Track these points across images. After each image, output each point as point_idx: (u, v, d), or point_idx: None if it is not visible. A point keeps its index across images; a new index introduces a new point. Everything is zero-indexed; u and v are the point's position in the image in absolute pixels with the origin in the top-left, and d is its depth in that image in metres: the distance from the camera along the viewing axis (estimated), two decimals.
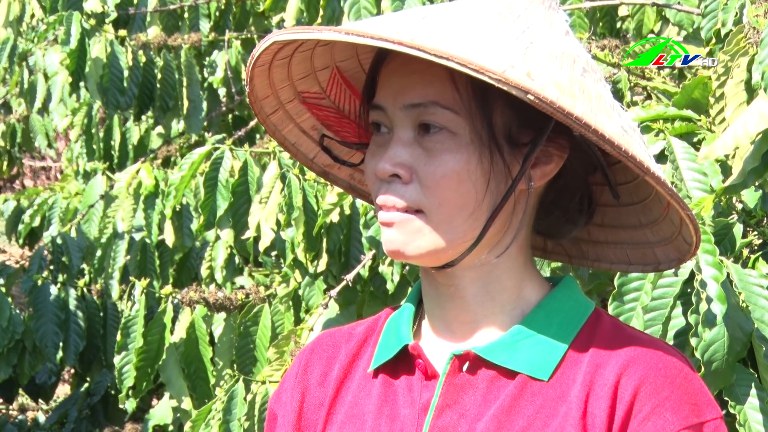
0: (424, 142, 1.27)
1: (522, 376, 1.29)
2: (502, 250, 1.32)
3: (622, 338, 1.30)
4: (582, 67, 1.25)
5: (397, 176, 1.28)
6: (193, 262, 4.09)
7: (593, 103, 1.22)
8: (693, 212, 1.30)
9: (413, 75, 1.27)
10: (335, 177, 1.49)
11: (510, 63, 1.18)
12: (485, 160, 1.27)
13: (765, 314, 1.87)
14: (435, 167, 1.26)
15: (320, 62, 1.38)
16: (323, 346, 1.44)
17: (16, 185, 7.98)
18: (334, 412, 1.38)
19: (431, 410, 1.31)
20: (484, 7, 1.26)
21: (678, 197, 1.27)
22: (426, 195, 1.27)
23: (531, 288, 1.35)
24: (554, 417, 1.27)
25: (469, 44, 1.19)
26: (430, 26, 1.21)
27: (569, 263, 1.47)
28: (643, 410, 1.24)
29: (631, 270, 1.45)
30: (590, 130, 1.19)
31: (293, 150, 1.45)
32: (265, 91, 1.37)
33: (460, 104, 1.26)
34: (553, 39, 1.25)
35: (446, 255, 1.30)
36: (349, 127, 1.43)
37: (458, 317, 1.34)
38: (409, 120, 1.28)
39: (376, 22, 1.25)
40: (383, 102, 1.30)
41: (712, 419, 1.26)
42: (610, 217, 1.40)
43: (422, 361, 1.33)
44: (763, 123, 1.76)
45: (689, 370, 1.29)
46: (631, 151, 1.22)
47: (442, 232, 1.28)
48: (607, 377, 1.26)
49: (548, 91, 1.18)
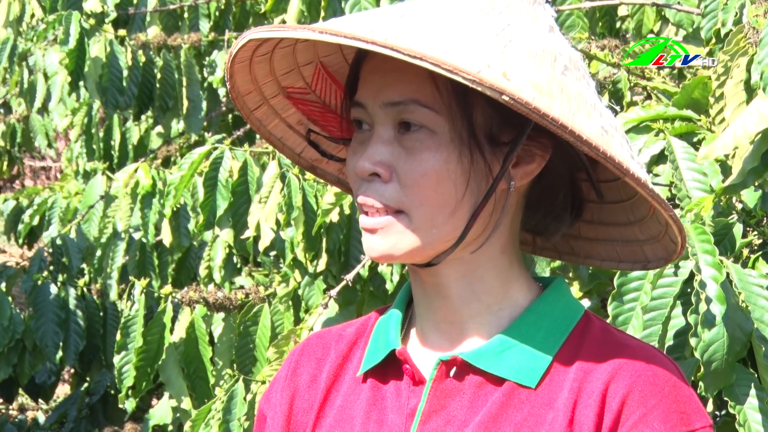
0: (404, 140, 1.26)
1: (509, 383, 1.28)
2: (479, 245, 1.30)
3: (611, 344, 1.29)
4: (563, 65, 1.23)
5: (377, 175, 1.27)
6: (192, 261, 4.08)
7: (572, 102, 1.20)
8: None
9: (393, 73, 1.26)
10: (323, 171, 1.48)
11: (486, 62, 1.16)
12: (465, 159, 1.26)
13: (765, 314, 1.87)
14: (414, 166, 1.25)
15: (303, 58, 1.37)
16: (313, 347, 1.44)
17: (16, 185, 7.98)
18: (323, 415, 1.38)
19: (417, 416, 1.30)
20: (464, 4, 1.24)
21: (659, 198, 1.25)
22: (406, 194, 1.26)
23: (518, 289, 1.33)
24: (541, 425, 1.26)
25: (445, 43, 1.17)
26: (407, 24, 1.20)
27: (559, 259, 1.46)
28: (631, 418, 1.23)
29: (621, 267, 1.44)
30: (567, 131, 1.17)
31: (279, 145, 1.44)
32: (248, 87, 1.36)
33: (440, 103, 1.25)
34: (534, 36, 1.24)
35: (429, 253, 1.29)
36: (334, 122, 1.42)
37: (446, 317, 1.33)
38: (389, 118, 1.27)
39: (354, 20, 1.24)
40: (364, 99, 1.29)
41: (701, 428, 1.25)
42: (600, 214, 1.39)
43: (409, 366, 1.32)
44: (762, 123, 1.76)
45: (678, 379, 1.27)
46: (610, 152, 1.20)
47: (423, 232, 1.27)
48: (595, 385, 1.25)
49: (524, 91, 1.16)
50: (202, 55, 4.49)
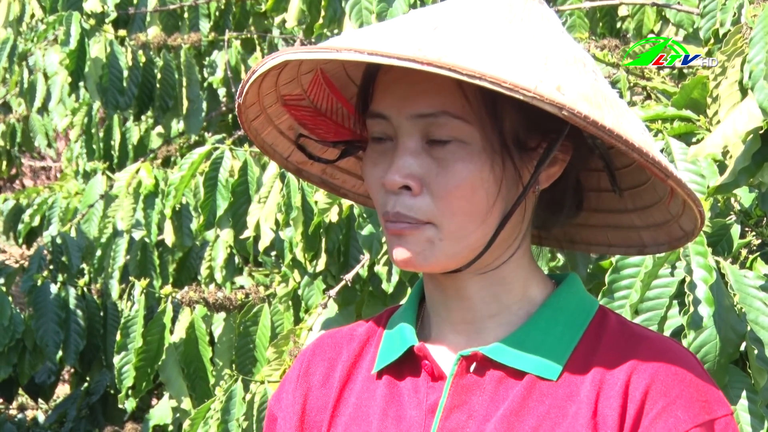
0: (434, 152, 1.26)
1: (530, 376, 1.29)
2: (510, 254, 1.32)
3: (629, 337, 1.30)
4: (592, 70, 1.26)
5: (406, 188, 1.26)
6: (193, 261, 4.09)
7: (614, 110, 1.23)
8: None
9: (418, 84, 1.25)
10: (308, 173, 1.48)
11: (539, 78, 1.17)
12: (497, 167, 1.26)
13: (759, 316, 1.87)
14: (448, 178, 1.25)
15: (307, 67, 1.37)
16: (324, 347, 1.44)
17: (16, 185, 7.98)
18: (338, 414, 1.38)
19: (439, 411, 1.30)
20: (489, 13, 1.25)
21: (694, 195, 1.28)
22: (438, 206, 1.26)
23: (536, 287, 1.34)
24: (564, 417, 1.26)
25: (495, 59, 1.18)
26: (446, 39, 1.20)
27: (559, 247, 1.46)
28: (654, 409, 1.24)
29: (612, 252, 1.45)
30: (621, 140, 1.19)
31: (270, 151, 1.44)
32: (253, 99, 1.37)
33: (470, 112, 1.24)
34: (560, 43, 1.25)
35: (456, 263, 1.30)
36: (323, 125, 1.42)
37: (464, 318, 1.34)
38: (416, 129, 1.26)
39: (387, 35, 1.23)
40: (387, 111, 1.28)
41: (723, 416, 1.26)
42: (596, 202, 1.40)
43: (429, 363, 1.33)
44: (752, 122, 1.76)
45: (699, 367, 1.29)
46: (656, 156, 1.23)
47: (453, 242, 1.27)
48: (617, 376, 1.26)
49: (579, 105, 1.18)
50: (202, 55, 4.49)
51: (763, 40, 1.75)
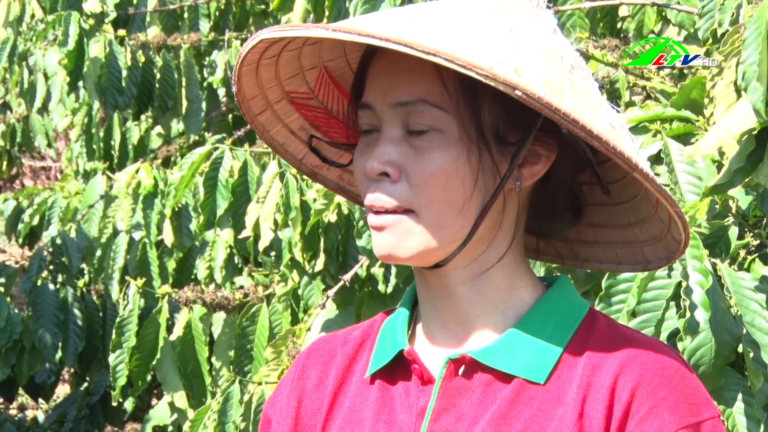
0: (413, 140, 1.27)
1: (518, 379, 1.29)
2: (499, 255, 1.32)
3: (617, 339, 1.30)
4: (570, 64, 1.25)
5: (385, 175, 1.28)
6: (193, 262, 4.09)
7: (581, 99, 1.22)
8: (682, 209, 1.30)
9: (401, 73, 1.27)
10: (324, 178, 1.49)
11: (497, 59, 1.18)
12: (473, 158, 1.26)
13: (756, 318, 1.87)
14: (424, 165, 1.26)
15: (308, 62, 1.38)
16: (319, 350, 1.44)
17: (16, 185, 7.98)
18: (331, 417, 1.38)
19: (428, 415, 1.30)
20: (470, 5, 1.26)
21: (666, 194, 1.27)
22: (415, 193, 1.27)
23: (524, 288, 1.34)
24: (551, 420, 1.26)
25: (457, 40, 1.19)
26: (417, 24, 1.21)
27: (561, 264, 1.46)
28: (641, 411, 1.24)
29: (621, 270, 1.45)
30: (578, 126, 1.19)
31: (282, 150, 1.45)
32: (253, 91, 1.37)
33: (448, 101, 1.26)
34: (541, 36, 1.25)
35: (437, 254, 1.30)
36: (337, 128, 1.43)
37: (453, 317, 1.34)
38: (398, 118, 1.28)
39: (363, 21, 1.25)
40: (371, 101, 1.30)
41: (710, 418, 1.26)
42: (600, 217, 1.40)
43: (418, 366, 1.33)
44: (747, 123, 1.76)
45: (686, 370, 1.28)
46: (620, 147, 1.22)
47: (432, 231, 1.28)
48: (603, 379, 1.26)
49: (536, 86, 1.17)
50: (202, 55, 4.49)
51: (756, 41, 1.74)
